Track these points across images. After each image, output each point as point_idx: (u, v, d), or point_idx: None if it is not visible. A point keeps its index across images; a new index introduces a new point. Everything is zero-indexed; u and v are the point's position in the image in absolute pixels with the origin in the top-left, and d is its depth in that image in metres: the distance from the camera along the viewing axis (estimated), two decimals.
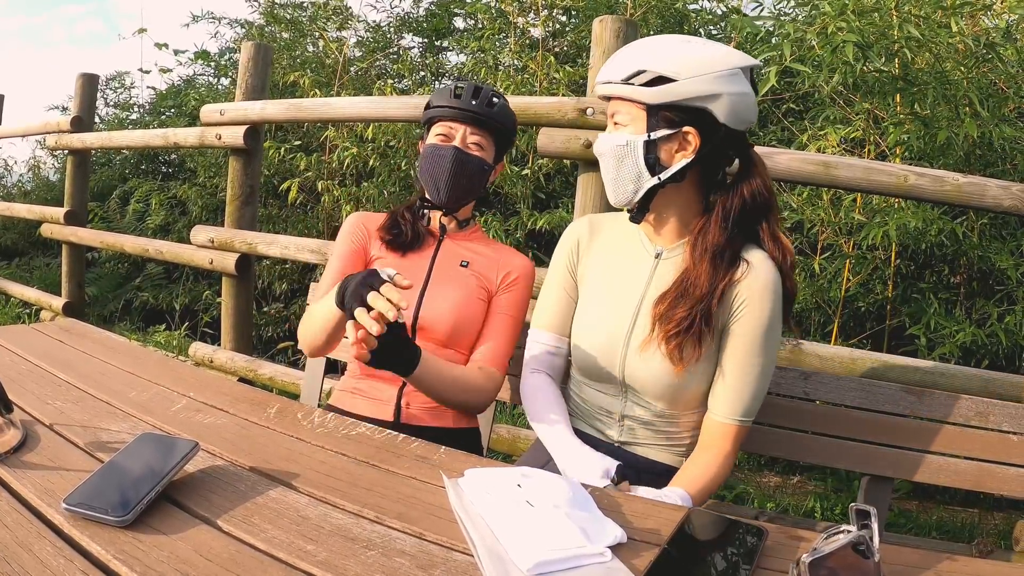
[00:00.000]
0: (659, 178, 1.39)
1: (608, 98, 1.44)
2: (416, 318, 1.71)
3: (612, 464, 1.34)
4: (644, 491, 1.31)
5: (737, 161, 1.45)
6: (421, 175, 1.78)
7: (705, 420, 1.46)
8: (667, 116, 1.35)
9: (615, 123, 1.41)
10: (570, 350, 1.59)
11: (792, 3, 3.44)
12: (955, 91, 2.98)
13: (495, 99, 1.77)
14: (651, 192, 1.41)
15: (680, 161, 1.38)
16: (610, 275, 1.52)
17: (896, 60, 3.05)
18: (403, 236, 1.78)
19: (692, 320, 1.36)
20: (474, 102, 1.73)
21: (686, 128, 1.36)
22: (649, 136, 1.36)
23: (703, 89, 1.32)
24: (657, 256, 1.48)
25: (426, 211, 1.82)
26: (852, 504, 0.87)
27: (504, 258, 1.81)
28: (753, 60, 1.38)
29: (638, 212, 1.46)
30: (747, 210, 1.40)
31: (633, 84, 1.35)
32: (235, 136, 3.53)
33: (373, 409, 1.69)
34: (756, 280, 1.38)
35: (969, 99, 2.89)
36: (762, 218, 1.42)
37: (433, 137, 1.77)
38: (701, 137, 1.37)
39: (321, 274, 2.75)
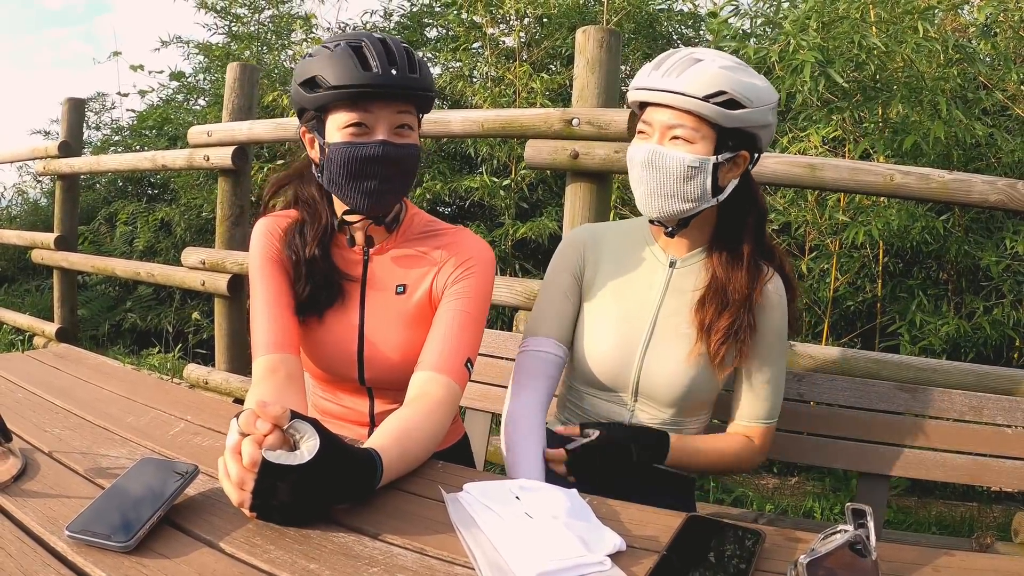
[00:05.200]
0: (717, 200, 1.40)
1: (646, 104, 1.40)
2: (363, 377, 1.47)
3: None
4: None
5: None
6: (331, 183, 1.35)
7: (730, 429, 1.52)
8: (731, 140, 1.36)
9: (675, 137, 1.35)
10: (569, 358, 1.56)
11: (757, 20, 3.49)
12: (928, 94, 3.01)
13: (413, 57, 1.31)
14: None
15: (731, 183, 1.41)
16: (621, 285, 1.52)
17: (861, 69, 3.10)
18: (318, 295, 1.42)
19: (740, 325, 1.41)
20: (395, 71, 1.26)
21: (743, 152, 1.39)
22: (717, 159, 1.35)
23: (764, 119, 1.36)
24: (671, 265, 1.50)
25: (346, 226, 1.43)
26: (848, 503, 0.88)
27: (453, 246, 1.45)
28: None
29: (678, 227, 1.45)
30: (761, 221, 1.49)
31: (710, 103, 1.31)
32: (223, 157, 3.52)
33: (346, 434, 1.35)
34: (771, 286, 1.45)
35: (936, 101, 2.92)
36: (764, 229, 1.50)
37: (338, 131, 1.29)
38: (748, 161, 1.42)
39: None
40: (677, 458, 1.43)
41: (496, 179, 4.34)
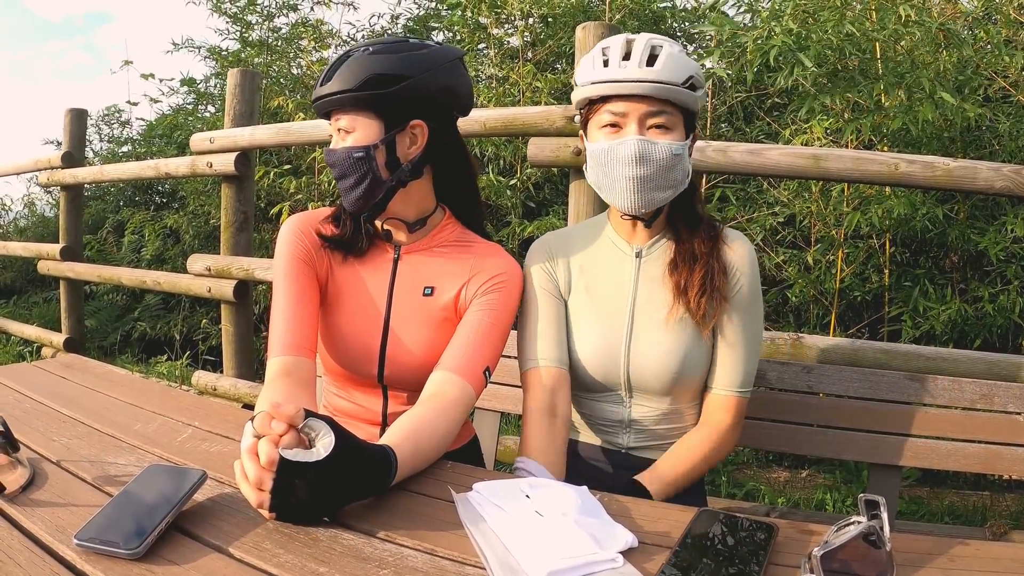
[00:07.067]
0: (686, 183, 1.41)
1: (607, 97, 1.36)
2: (382, 370, 1.47)
3: None
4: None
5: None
6: None
7: (707, 398, 1.48)
8: (694, 121, 1.38)
9: (653, 126, 1.33)
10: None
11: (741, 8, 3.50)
12: (911, 78, 3.01)
13: (350, 54, 1.35)
14: None
15: (689, 164, 1.41)
16: (593, 283, 1.50)
17: (844, 56, 3.09)
18: (344, 234, 1.46)
19: (712, 272, 1.39)
20: (324, 87, 1.37)
21: (697, 132, 1.40)
22: (688, 142, 1.37)
23: (704, 99, 1.39)
24: (638, 255, 1.48)
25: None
26: (861, 495, 0.88)
27: (483, 260, 1.47)
28: None
29: (654, 215, 1.45)
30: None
31: (685, 89, 1.31)
32: (226, 163, 3.53)
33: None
34: (740, 249, 1.44)
35: (924, 84, 2.91)
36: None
37: None
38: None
39: None
40: (660, 485, 1.34)
41: (502, 178, 4.34)
